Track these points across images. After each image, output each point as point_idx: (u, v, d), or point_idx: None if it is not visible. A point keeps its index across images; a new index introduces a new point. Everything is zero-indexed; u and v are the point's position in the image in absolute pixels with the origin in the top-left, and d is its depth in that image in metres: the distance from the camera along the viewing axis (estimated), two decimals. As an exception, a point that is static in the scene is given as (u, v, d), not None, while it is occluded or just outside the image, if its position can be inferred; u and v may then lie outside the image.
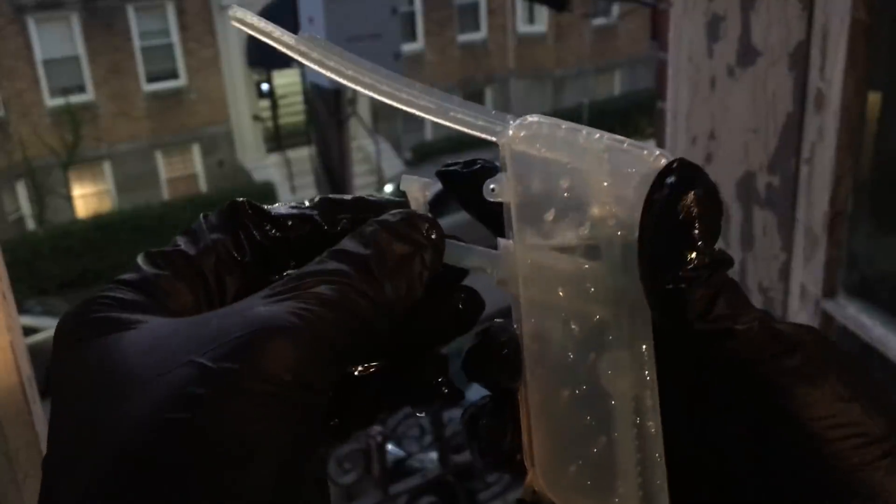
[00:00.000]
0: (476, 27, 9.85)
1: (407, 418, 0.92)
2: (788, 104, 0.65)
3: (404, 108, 0.16)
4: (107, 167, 8.41)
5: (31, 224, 7.82)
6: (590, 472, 0.16)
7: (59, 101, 7.95)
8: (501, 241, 0.17)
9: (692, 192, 0.15)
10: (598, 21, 9.01)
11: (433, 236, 0.16)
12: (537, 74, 10.05)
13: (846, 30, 0.59)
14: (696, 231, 0.15)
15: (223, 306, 0.16)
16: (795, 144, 0.64)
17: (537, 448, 0.16)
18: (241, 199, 0.17)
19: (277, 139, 8.92)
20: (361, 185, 7.81)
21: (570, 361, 0.16)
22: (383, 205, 0.18)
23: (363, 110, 7.84)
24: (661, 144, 0.80)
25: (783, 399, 0.14)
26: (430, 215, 0.17)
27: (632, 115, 9.83)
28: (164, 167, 8.69)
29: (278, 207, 0.18)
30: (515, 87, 10.20)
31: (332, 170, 2.68)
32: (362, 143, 8.77)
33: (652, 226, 0.15)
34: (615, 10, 8.25)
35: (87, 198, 8.32)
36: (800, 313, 0.66)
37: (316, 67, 0.16)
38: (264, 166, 8.82)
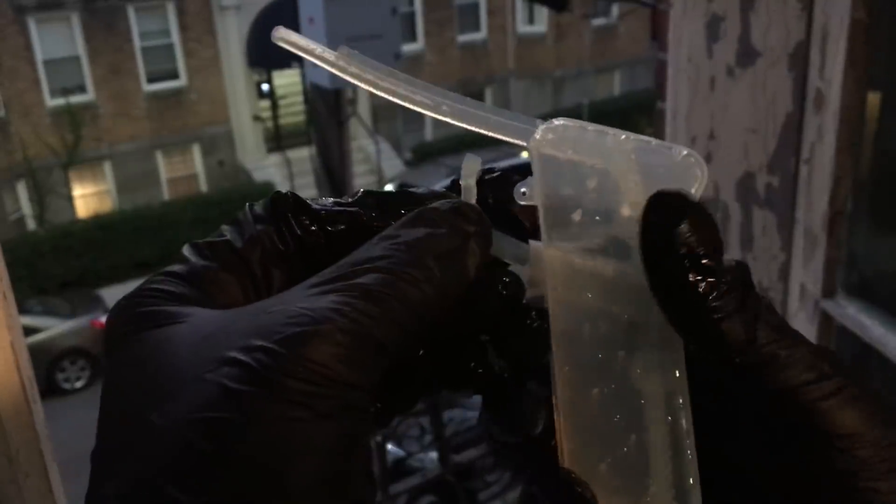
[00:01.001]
0: (476, 27, 9.85)
1: (407, 418, 0.92)
2: (788, 104, 0.65)
3: (437, 116, 0.17)
4: (107, 167, 8.41)
5: (31, 224, 7.82)
6: (621, 471, 0.16)
7: (59, 101, 7.95)
8: (532, 243, 0.17)
9: (685, 224, 0.14)
10: (598, 21, 9.00)
11: (482, 226, 0.16)
12: (537, 75, 10.04)
13: (845, 30, 0.59)
14: (705, 260, 0.14)
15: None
16: (795, 144, 0.64)
17: (567, 446, 0.16)
18: (286, 191, 0.17)
19: (278, 139, 8.92)
20: (361, 185, 7.78)
21: (600, 361, 0.16)
22: (428, 197, 0.18)
23: (363, 110, 7.84)
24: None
25: (821, 422, 0.14)
26: (477, 206, 0.17)
27: (631, 116, 9.82)
28: (165, 167, 8.69)
29: (321, 201, 0.17)
30: (515, 87, 10.19)
31: (333, 170, 2.68)
32: (362, 143, 8.77)
33: (657, 268, 0.15)
34: (615, 10, 8.25)
35: (87, 198, 8.32)
36: (799, 313, 0.66)
37: (354, 81, 0.17)
38: (264, 166, 8.82)
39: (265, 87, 8.84)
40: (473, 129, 0.16)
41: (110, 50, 8.07)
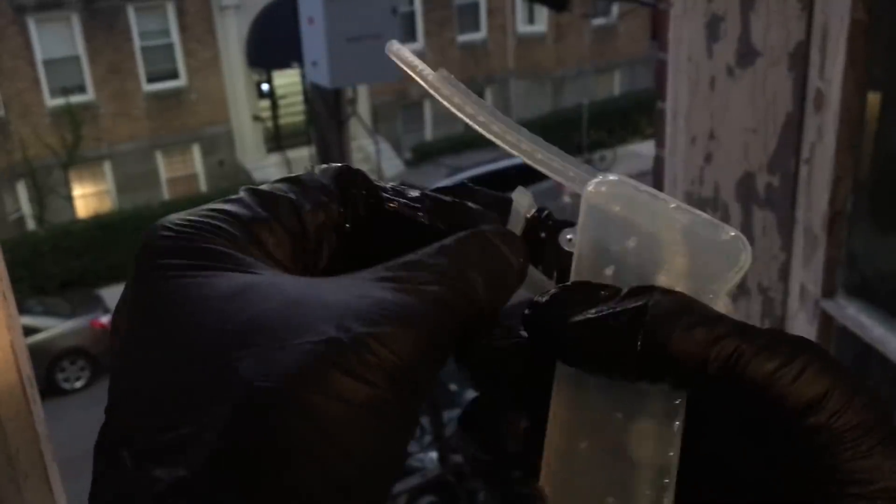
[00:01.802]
0: (476, 27, 9.86)
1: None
2: (788, 104, 0.65)
3: (509, 149, 0.17)
4: (107, 167, 8.42)
5: (31, 224, 7.82)
6: None
7: (59, 101, 7.95)
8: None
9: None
10: (598, 21, 9.02)
11: (523, 260, 0.17)
12: (537, 74, 10.05)
13: (845, 30, 0.59)
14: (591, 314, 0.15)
15: (317, 271, 0.16)
16: (795, 144, 0.64)
17: (546, 489, 0.16)
18: (351, 166, 0.17)
19: (277, 139, 8.93)
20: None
21: (597, 416, 0.16)
22: (480, 215, 0.18)
23: (363, 110, 7.83)
24: (660, 144, 0.80)
25: (787, 399, 0.14)
26: (521, 240, 0.17)
27: (631, 115, 9.83)
28: (165, 167, 8.69)
29: (383, 184, 0.17)
30: (515, 87, 10.20)
31: (333, 170, 2.68)
32: (362, 143, 8.77)
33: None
34: (615, 10, 8.25)
35: (87, 198, 8.33)
36: (799, 313, 0.66)
37: (445, 103, 0.18)
38: (264, 166, 8.82)
39: (265, 86, 8.84)
40: (536, 167, 0.17)
41: (110, 50, 8.07)
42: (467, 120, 0.17)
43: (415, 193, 0.18)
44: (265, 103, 9.00)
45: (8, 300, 0.43)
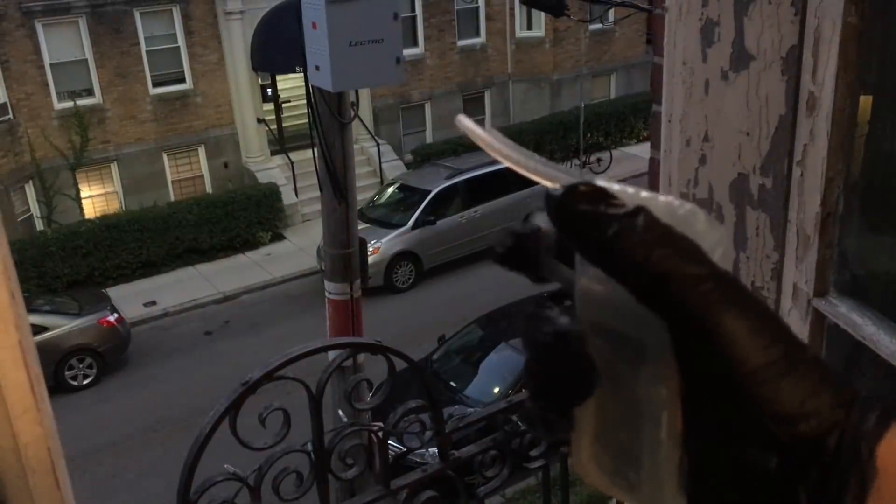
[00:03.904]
0: (475, 32, 9.89)
1: (408, 415, 0.93)
2: (781, 107, 0.65)
3: (543, 181, 0.20)
4: (114, 169, 8.50)
5: (39, 224, 7.90)
6: (617, 459, 0.20)
7: (67, 104, 8.04)
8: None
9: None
10: (595, 26, 9.02)
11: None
12: (535, 78, 10.08)
13: (838, 34, 0.60)
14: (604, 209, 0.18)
15: None
16: (788, 147, 0.65)
17: (582, 436, 0.21)
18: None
19: (281, 141, 8.98)
20: (363, 185, 7.84)
21: (608, 370, 0.20)
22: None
23: (365, 113, 7.85)
24: (655, 147, 0.81)
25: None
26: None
27: (627, 118, 9.84)
28: (171, 169, 8.76)
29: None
30: (513, 90, 10.21)
31: (335, 171, 2.70)
32: (364, 145, 8.80)
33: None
34: (611, 15, 8.24)
35: (94, 199, 8.41)
36: (792, 311, 0.66)
37: (498, 157, 0.21)
38: (268, 168, 8.87)
39: (269, 90, 8.90)
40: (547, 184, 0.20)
41: (117, 54, 8.15)
42: (522, 170, 0.20)
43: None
44: (269, 106, 9.05)
45: (16, 299, 0.45)
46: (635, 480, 0.20)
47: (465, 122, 0.21)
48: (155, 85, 8.51)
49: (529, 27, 10.12)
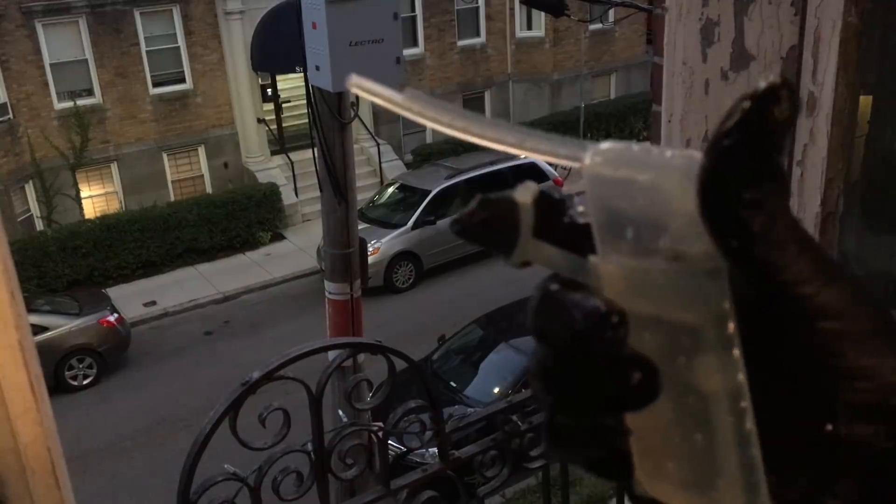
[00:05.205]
0: (476, 32, 9.89)
1: (408, 415, 0.93)
2: (781, 107, 0.65)
3: (492, 145, 0.17)
4: (114, 169, 8.49)
5: (39, 224, 7.89)
6: (689, 468, 0.17)
7: (67, 104, 8.03)
8: (591, 258, 0.17)
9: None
10: (595, 26, 9.02)
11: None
12: (535, 78, 10.06)
13: (838, 34, 0.60)
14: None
15: None
16: (788, 147, 0.65)
17: (636, 447, 0.17)
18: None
19: (281, 141, 8.98)
20: (363, 185, 7.85)
21: (661, 367, 0.17)
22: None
23: (364, 113, 7.85)
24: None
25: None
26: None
27: (627, 118, 9.83)
28: (171, 169, 8.76)
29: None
30: (513, 90, 10.21)
31: (335, 171, 2.70)
32: (364, 145, 8.80)
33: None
34: (611, 15, 8.24)
35: (94, 199, 8.40)
36: (792, 314, 0.66)
37: (420, 119, 0.18)
38: (268, 168, 8.86)
39: (269, 90, 8.90)
40: (528, 154, 0.18)
41: (117, 54, 8.15)
42: (446, 129, 0.18)
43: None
44: (269, 106, 9.05)
45: (16, 299, 0.45)
46: (723, 486, 0.17)
47: (361, 83, 0.18)
48: (155, 85, 8.51)
49: (529, 27, 10.12)
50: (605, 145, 0.17)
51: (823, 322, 0.16)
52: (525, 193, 0.18)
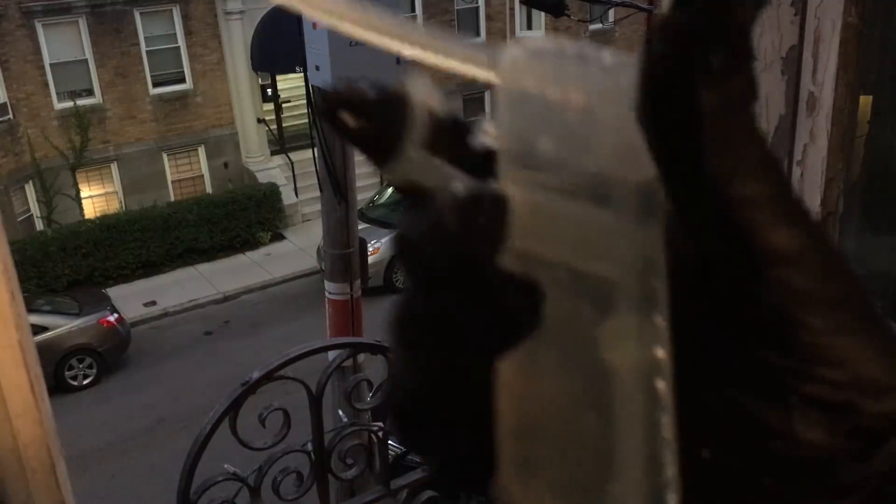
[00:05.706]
0: (476, 32, 9.90)
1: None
2: (781, 107, 0.65)
3: (394, 46, 0.14)
4: (114, 169, 8.50)
5: (39, 224, 7.91)
6: (573, 464, 0.12)
7: (67, 104, 8.04)
8: (494, 186, 0.13)
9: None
10: (595, 26, 9.02)
11: None
12: (537, 78, 10.00)
13: (837, 34, 0.60)
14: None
15: None
16: (788, 146, 0.65)
17: (502, 435, 0.12)
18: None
19: (281, 141, 8.99)
20: (363, 185, 7.86)
21: (557, 318, 0.12)
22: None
23: (367, 112, 7.80)
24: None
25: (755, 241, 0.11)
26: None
27: None
28: (171, 169, 8.77)
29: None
30: (517, 89, 10.15)
31: (335, 171, 2.70)
32: (366, 144, 8.77)
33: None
34: (611, 15, 8.24)
35: (94, 199, 8.41)
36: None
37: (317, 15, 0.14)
38: (268, 168, 8.88)
39: (269, 90, 8.91)
40: (433, 61, 0.13)
41: (117, 54, 8.16)
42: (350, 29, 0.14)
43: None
44: (269, 106, 9.05)
45: (16, 299, 0.45)
46: (616, 493, 0.11)
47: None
48: (155, 85, 8.51)
49: (529, 27, 10.13)
50: (530, 44, 0.13)
51: (780, 269, 0.11)
52: (421, 90, 0.13)
